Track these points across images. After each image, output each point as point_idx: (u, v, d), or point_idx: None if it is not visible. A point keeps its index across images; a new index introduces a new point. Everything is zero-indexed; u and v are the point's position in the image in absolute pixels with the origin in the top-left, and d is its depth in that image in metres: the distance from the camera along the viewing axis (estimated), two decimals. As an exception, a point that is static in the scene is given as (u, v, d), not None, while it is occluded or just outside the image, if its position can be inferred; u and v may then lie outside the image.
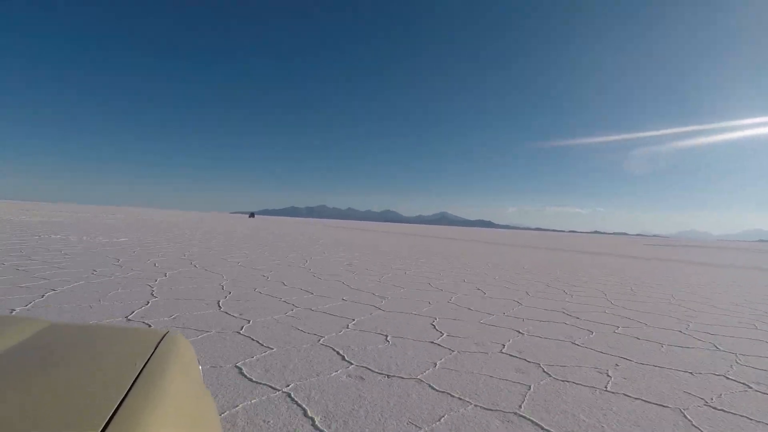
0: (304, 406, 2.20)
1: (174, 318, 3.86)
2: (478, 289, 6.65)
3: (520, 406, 2.37)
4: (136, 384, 0.68)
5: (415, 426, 2.07)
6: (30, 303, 4.07)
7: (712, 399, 2.67)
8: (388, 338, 3.61)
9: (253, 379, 2.52)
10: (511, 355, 3.32)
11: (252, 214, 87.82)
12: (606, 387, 2.75)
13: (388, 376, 2.71)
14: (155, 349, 0.87)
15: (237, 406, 2.17)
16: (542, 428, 2.12)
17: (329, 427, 2.00)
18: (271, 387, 2.42)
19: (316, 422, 2.04)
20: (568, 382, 2.80)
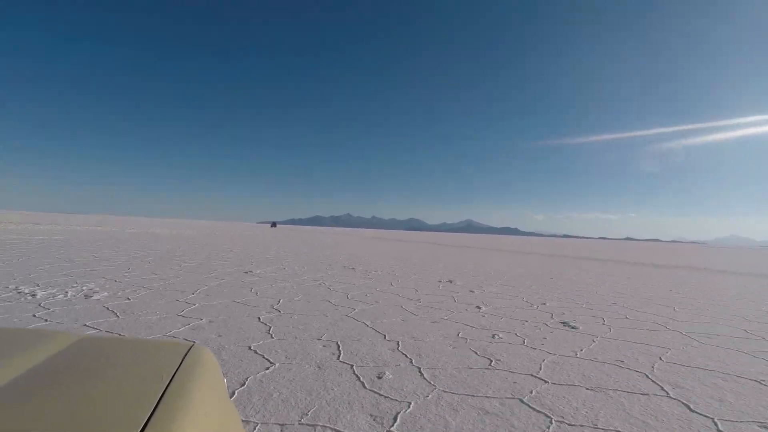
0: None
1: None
2: None
3: None
4: (164, 396, 0.68)
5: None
6: None
7: None
8: None
9: None
10: None
11: (274, 224, 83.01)
12: None
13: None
14: (182, 361, 0.88)
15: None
16: None
17: None
18: None
19: None
20: None
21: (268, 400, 2.43)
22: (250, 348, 3.42)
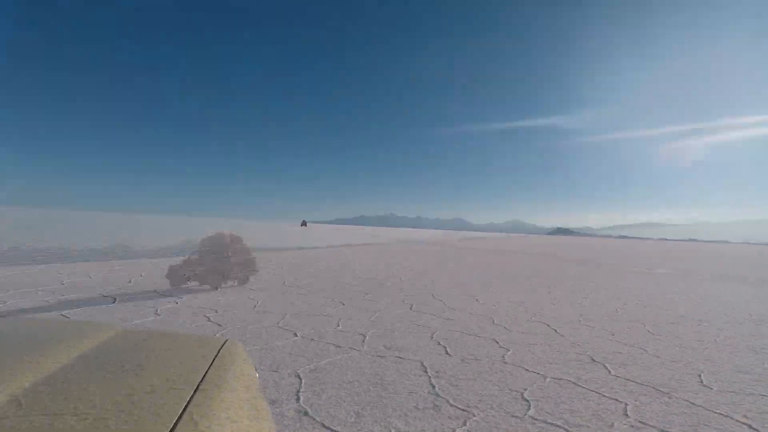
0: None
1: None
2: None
3: None
4: (198, 390, 0.73)
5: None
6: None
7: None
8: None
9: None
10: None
11: (304, 222, 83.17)
12: None
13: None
14: (216, 356, 0.94)
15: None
16: None
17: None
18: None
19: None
20: None
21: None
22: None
